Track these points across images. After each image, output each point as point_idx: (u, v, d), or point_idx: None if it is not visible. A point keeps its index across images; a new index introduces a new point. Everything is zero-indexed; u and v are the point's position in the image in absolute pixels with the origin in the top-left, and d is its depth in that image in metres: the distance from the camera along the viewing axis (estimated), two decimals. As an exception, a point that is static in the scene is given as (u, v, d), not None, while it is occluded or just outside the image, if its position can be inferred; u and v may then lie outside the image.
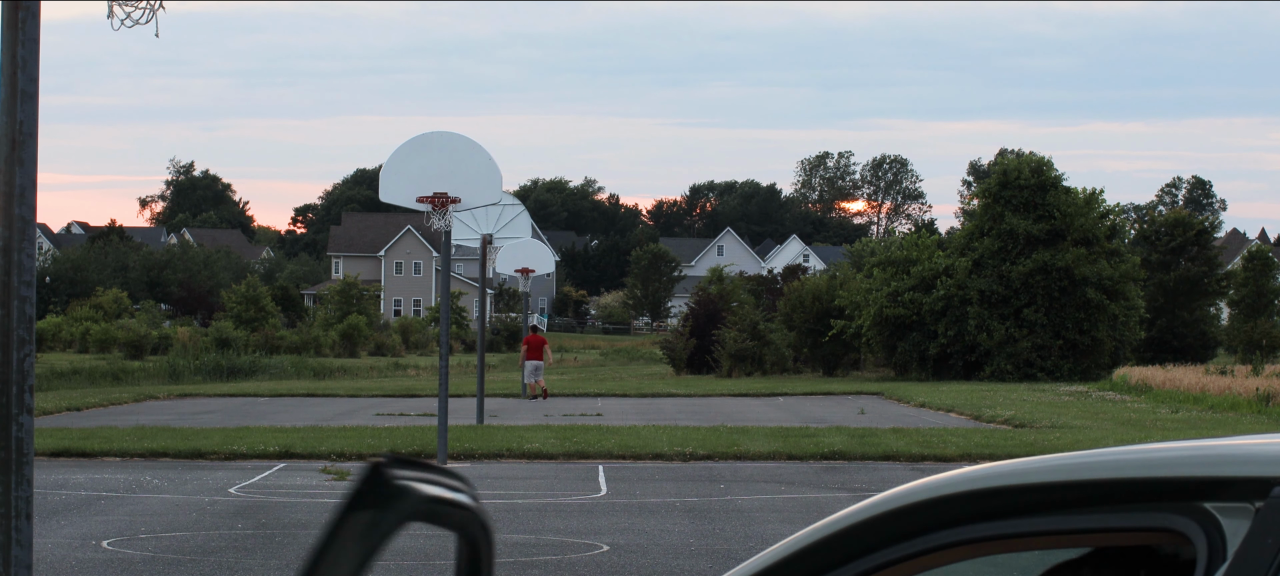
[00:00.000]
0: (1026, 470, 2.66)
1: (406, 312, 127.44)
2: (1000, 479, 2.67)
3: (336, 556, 2.10)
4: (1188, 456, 2.60)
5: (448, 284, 25.03)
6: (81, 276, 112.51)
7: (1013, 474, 2.67)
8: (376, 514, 2.10)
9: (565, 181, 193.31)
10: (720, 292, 70.03)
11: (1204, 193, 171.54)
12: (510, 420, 34.77)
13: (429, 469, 2.19)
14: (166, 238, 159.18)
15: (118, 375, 57.61)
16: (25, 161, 8.93)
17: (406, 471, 2.13)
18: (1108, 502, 2.67)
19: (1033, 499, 2.64)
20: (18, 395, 8.91)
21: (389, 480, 2.09)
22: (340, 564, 2.10)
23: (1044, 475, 2.94)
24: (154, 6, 11.18)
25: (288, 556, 15.00)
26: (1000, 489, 2.66)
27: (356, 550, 2.10)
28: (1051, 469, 2.98)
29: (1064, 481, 2.82)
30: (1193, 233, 77.38)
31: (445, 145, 24.85)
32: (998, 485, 2.67)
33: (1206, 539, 2.46)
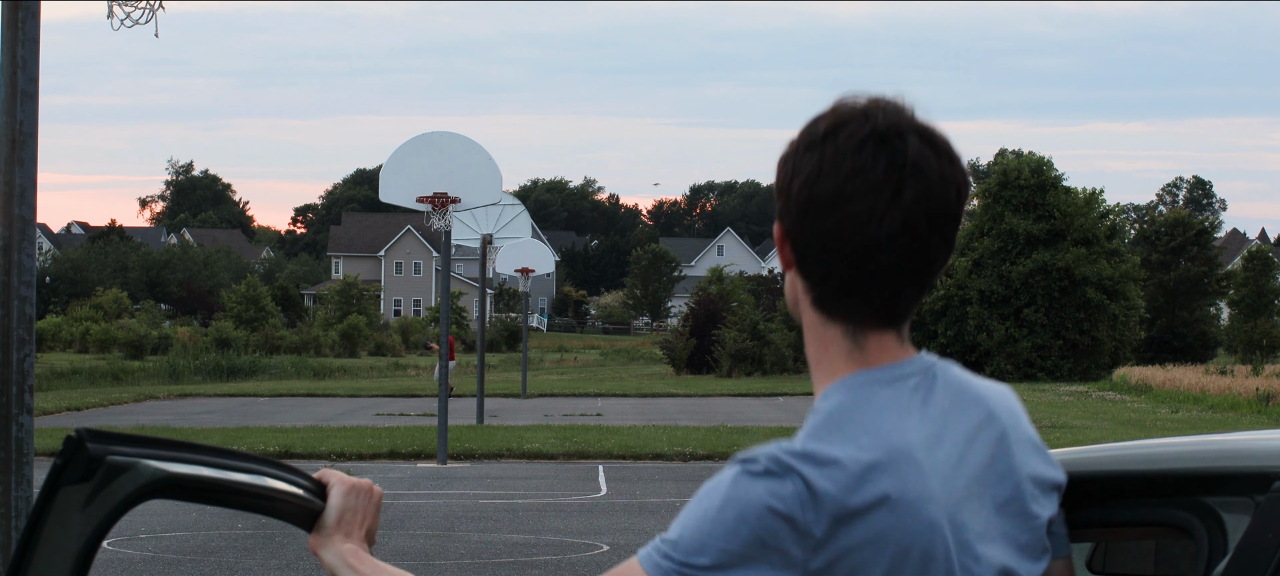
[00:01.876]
0: None
1: (406, 312, 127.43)
2: None
3: (55, 531, 2.07)
4: (1189, 451, 2.60)
5: (448, 284, 25.03)
6: (81, 276, 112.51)
7: None
8: (93, 488, 2.09)
9: (565, 181, 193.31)
10: (720, 292, 70.02)
11: (1204, 193, 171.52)
12: (510, 420, 34.77)
13: (169, 445, 2.17)
14: (166, 238, 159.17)
15: (118, 375, 57.59)
16: (25, 161, 8.93)
17: (127, 447, 2.12)
18: (1109, 497, 2.67)
19: None
20: (18, 395, 8.91)
21: (94, 453, 2.08)
22: (61, 540, 2.08)
23: None
24: (154, 6, 11.19)
25: (287, 556, 15.00)
26: None
27: (78, 526, 2.08)
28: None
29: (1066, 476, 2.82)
30: (1193, 233, 77.42)
31: (445, 145, 24.85)
32: None
33: (1207, 533, 2.46)
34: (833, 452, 2.12)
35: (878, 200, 2.12)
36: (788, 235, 2.22)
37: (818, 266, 2.18)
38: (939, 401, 2.21)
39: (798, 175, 2.19)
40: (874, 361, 2.20)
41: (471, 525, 17.38)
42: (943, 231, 2.16)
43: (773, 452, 2.12)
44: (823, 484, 2.09)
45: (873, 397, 2.18)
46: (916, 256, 2.15)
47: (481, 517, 18.04)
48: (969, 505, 2.18)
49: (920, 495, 2.13)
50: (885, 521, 2.10)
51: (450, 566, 14.56)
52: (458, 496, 20.26)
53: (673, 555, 2.15)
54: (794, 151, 2.21)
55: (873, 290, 2.17)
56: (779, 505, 2.08)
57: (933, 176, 2.13)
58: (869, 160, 2.12)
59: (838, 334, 2.20)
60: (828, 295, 2.19)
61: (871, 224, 2.12)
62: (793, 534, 2.09)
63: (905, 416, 2.18)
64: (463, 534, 16.67)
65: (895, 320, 2.21)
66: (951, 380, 2.24)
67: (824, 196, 2.15)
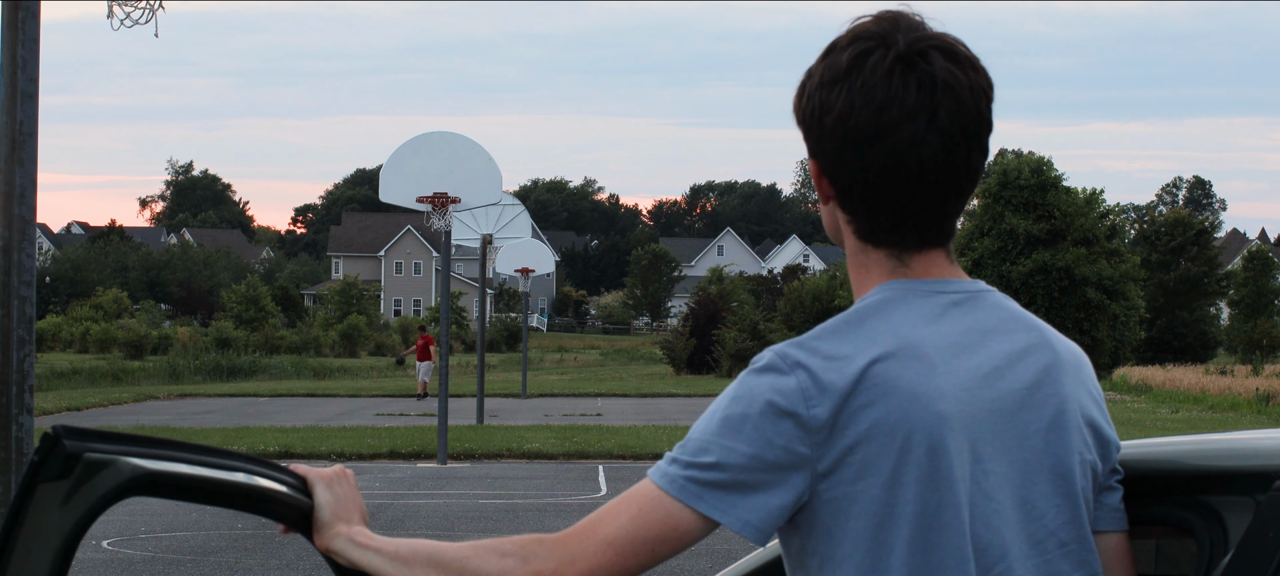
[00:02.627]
0: None
1: (406, 312, 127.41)
2: None
3: (33, 529, 2.07)
4: (1189, 450, 2.60)
5: (448, 284, 25.03)
6: (81, 276, 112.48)
7: None
8: (72, 485, 2.08)
9: (565, 181, 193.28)
10: (720, 292, 70.02)
11: (1204, 193, 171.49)
12: (510, 420, 34.77)
13: (149, 442, 2.16)
14: (166, 238, 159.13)
15: (118, 375, 57.57)
16: (25, 161, 8.93)
17: (105, 444, 2.11)
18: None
19: None
20: (18, 395, 8.91)
21: (70, 450, 2.07)
22: (39, 538, 2.07)
23: None
24: (154, 6, 11.19)
25: (287, 556, 15.00)
26: None
27: (56, 523, 2.07)
28: None
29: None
30: (1193, 233, 77.39)
31: (445, 145, 24.85)
32: None
33: (1208, 532, 2.46)
34: (842, 348, 2.11)
35: (916, 127, 2.11)
36: (825, 172, 2.19)
37: (860, 199, 2.17)
38: (979, 318, 2.19)
39: (827, 111, 2.15)
40: (918, 276, 2.20)
41: (471, 525, 17.37)
42: (979, 139, 2.16)
43: (779, 348, 2.12)
44: (828, 376, 2.09)
45: (902, 302, 2.18)
46: (957, 173, 2.15)
47: (481, 517, 18.04)
48: (994, 422, 2.15)
49: (929, 388, 2.11)
50: (889, 408, 2.08)
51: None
52: (458, 496, 20.26)
53: (679, 458, 2.13)
54: (818, 87, 2.17)
55: (919, 214, 2.16)
56: (781, 400, 2.08)
57: (963, 91, 2.13)
58: (899, 88, 2.11)
59: (882, 257, 2.21)
60: (874, 226, 2.18)
61: (913, 151, 2.12)
62: (796, 430, 2.08)
63: (933, 322, 2.16)
64: (463, 534, 16.67)
65: (942, 237, 2.21)
66: (1001, 304, 2.23)
67: (860, 131, 2.12)
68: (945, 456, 2.09)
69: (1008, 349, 2.18)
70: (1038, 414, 2.18)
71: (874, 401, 2.08)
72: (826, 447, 2.08)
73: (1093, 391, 2.28)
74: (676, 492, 2.11)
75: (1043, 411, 2.18)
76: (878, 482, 2.09)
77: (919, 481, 2.09)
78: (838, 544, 2.12)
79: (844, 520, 2.10)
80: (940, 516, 2.10)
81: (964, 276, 2.23)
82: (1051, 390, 2.19)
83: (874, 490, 2.09)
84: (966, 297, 2.20)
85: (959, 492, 2.11)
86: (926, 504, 2.10)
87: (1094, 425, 2.26)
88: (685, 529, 2.12)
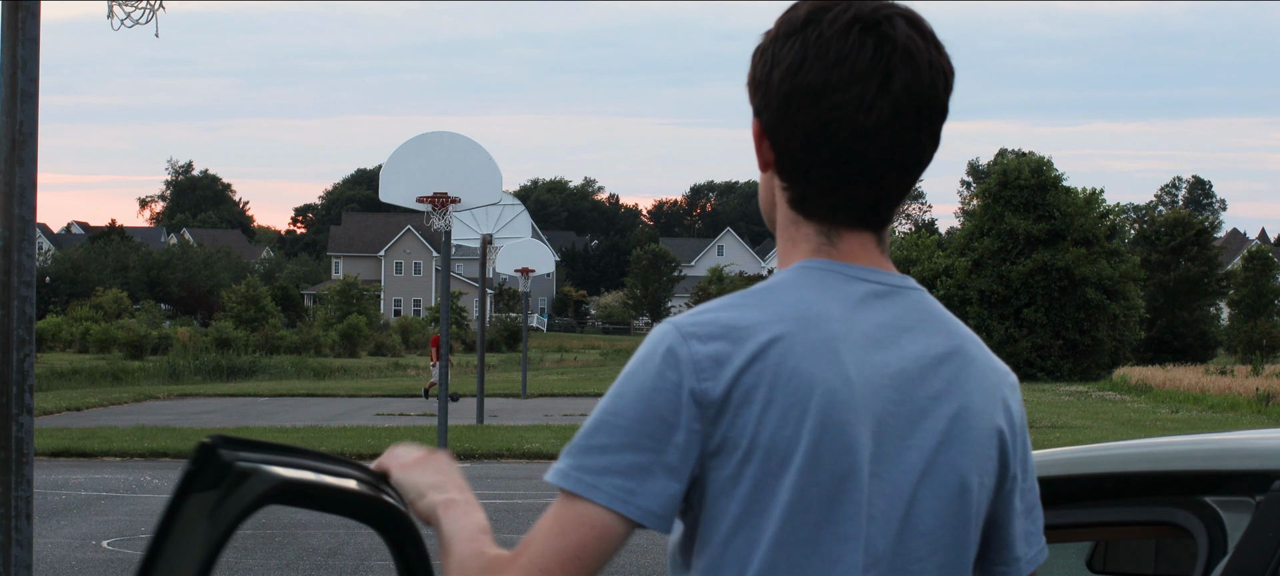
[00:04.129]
0: None
1: (406, 312, 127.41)
2: None
3: (181, 541, 2.06)
4: (1188, 451, 2.60)
5: (448, 284, 25.04)
6: (81, 276, 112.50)
7: None
8: (221, 495, 2.07)
9: (565, 181, 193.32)
10: (720, 292, 69.98)
11: (1204, 193, 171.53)
12: (510, 420, 34.77)
13: (280, 449, 2.14)
14: (166, 238, 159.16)
15: (118, 375, 57.57)
16: (25, 161, 8.93)
17: (250, 453, 2.09)
18: (1110, 497, 2.67)
19: None
20: (18, 395, 8.91)
21: (225, 460, 2.07)
22: (186, 550, 2.06)
23: (1045, 470, 2.95)
24: (154, 6, 11.19)
25: (287, 556, 15.00)
26: None
27: (203, 534, 2.06)
28: (1053, 463, 2.99)
29: (1066, 476, 2.82)
30: (1193, 233, 77.41)
31: (445, 145, 24.85)
32: None
33: (1207, 532, 2.46)
34: (743, 318, 1.99)
35: (866, 88, 1.99)
36: (767, 131, 2.09)
37: (799, 162, 2.05)
38: (898, 314, 2.06)
39: (778, 65, 2.04)
40: (844, 258, 2.07)
41: (471, 525, 17.36)
42: (930, 124, 2.03)
43: (675, 319, 2.00)
44: (723, 348, 1.97)
45: (820, 282, 2.05)
46: (903, 149, 2.03)
47: (481, 517, 18.03)
48: (894, 424, 2.01)
49: (832, 375, 1.97)
50: (787, 389, 1.95)
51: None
52: (458, 496, 20.24)
53: (574, 448, 2.01)
54: (771, 41, 2.06)
55: (856, 185, 2.04)
56: (672, 374, 1.96)
57: (922, 63, 2.01)
58: (856, 45, 2.00)
59: (811, 232, 2.09)
60: (808, 193, 2.07)
61: (859, 114, 2.00)
62: (691, 405, 1.96)
63: (847, 308, 2.04)
64: (463, 534, 16.66)
65: (875, 220, 2.08)
66: (924, 304, 2.09)
67: (808, 86, 2.01)
68: (848, 448, 1.97)
69: (920, 351, 2.05)
70: (936, 422, 2.04)
71: (772, 381, 1.96)
72: (717, 425, 1.96)
73: (1009, 411, 2.12)
74: (575, 487, 1.98)
75: (941, 421, 2.04)
76: (765, 467, 1.96)
77: (810, 470, 1.96)
78: (714, 529, 1.99)
79: (724, 503, 1.98)
80: (835, 510, 1.97)
81: (892, 269, 2.10)
82: (959, 401, 2.06)
83: (759, 474, 1.96)
84: (888, 290, 2.07)
85: (859, 487, 1.98)
86: (815, 494, 1.97)
87: (1002, 449, 2.10)
88: (603, 528, 1.97)
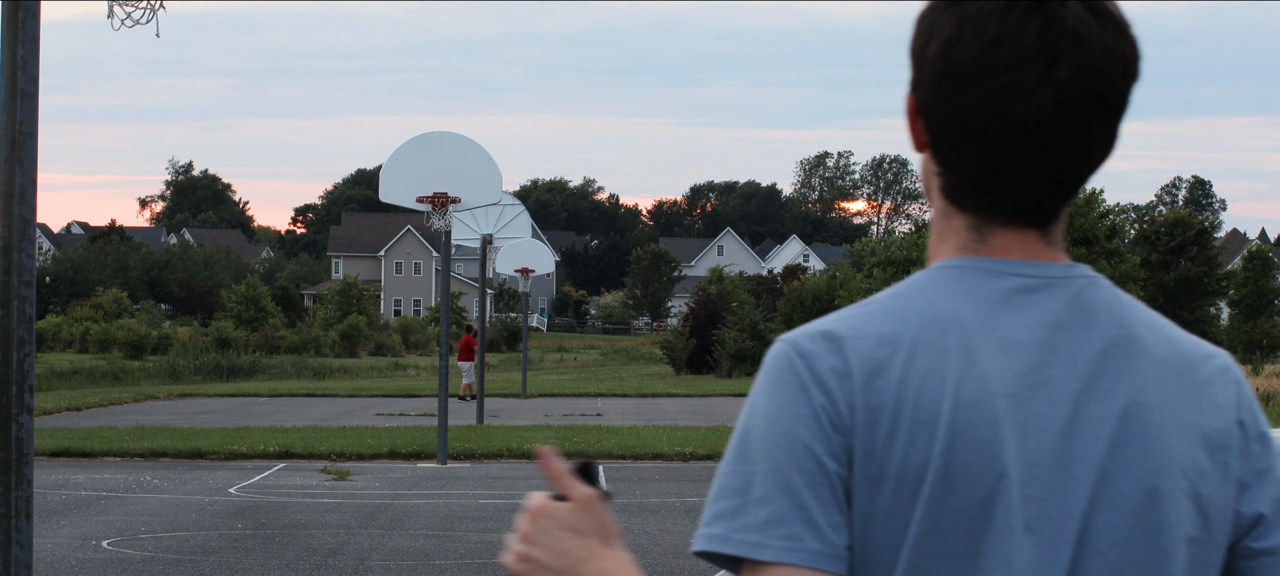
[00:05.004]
0: None
1: (406, 312, 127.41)
2: None
3: None
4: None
5: (448, 284, 25.04)
6: (81, 276, 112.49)
7: None
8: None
9: (565, 181, 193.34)
10: (720, 292, 70.01)
11: (1204, 193, 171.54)
12: (510, 420, 34.77)
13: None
14: (166, 238, 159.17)
15: (118, 375, 57.57)
16: (25, 161, 8.93)
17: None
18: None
19: None
20: (18, 395, 8.91)
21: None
22: None
23: None
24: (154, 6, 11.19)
25: (288, 556, 15.00)
26: None
27: None
28: None
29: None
30: (1193, 233, 77.42)
31: (445, 145, 24.86)
32: None
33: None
34: (867, 328, 1.82)
35: (1026, 73, 1.79)
36: (921, 109, 1.87)
37: (952, 148, 1.84)
38: (1053, 308, 1.84)
39: (935, 36, 1.84)
40: (994, 254, 1.87)
41: (471, 525, 17.37)
42: (1103, 117, 1.83)
43: (790, 336, 1.84)
44: (843, 362, 1.80)
45: (956, 282, 1.86)
46: (1069, 145, 1.82)
47: (481, 517, 18.04)
48: (1052, 437, 1.80)
49: (962, 386, 1.78)
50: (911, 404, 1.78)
51: (450, 566, 14.56)
52: (458, 496, 20.26)
53: (718, 506, 1.82)
54: (932, 8, 1.86)
55: (1011, 181, 1.83)
56: (801, 397, 1.80)
57: (1094, 48, 1.82)
58: (1019, 23, 1.80)
59: (961, 226, 1.88)
60: (961, 184, 1.86)
61: (1017, 102, 1.80)
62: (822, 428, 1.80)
63: (987, 309, 1.83)
64: (463, 534, 16.67)
65: (1038, 217, 1.86)
66: (1090, 294, 1.86)
67: (962, 65, 1.81)
68: (988, 467, 1.78)
69: (1078, 346, 1.83)
70: (1102, 426, 1.81)
71: (897, 397, 1.79)
72: (850, 449, 1.79)
73: (1212, 399, 1.86)
74: (738, 551, 1.78)
75: (1108, 422, 1.82)
76: (897, 497, 1.79)
77: (943, 496, 1.78)
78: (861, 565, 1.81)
79: (861, 537, 1.80)
80: (979, 541, 1.78)
81: (1058, 259, 1.88)
82: (1127, 396, 1.82)
83: (891, 505, 1.79)
84: (1043, 283, 1.85)
85: (1008, 511, 1.78)
86: (952, 523, 1.78)
87: (1213, 443, 1.85)
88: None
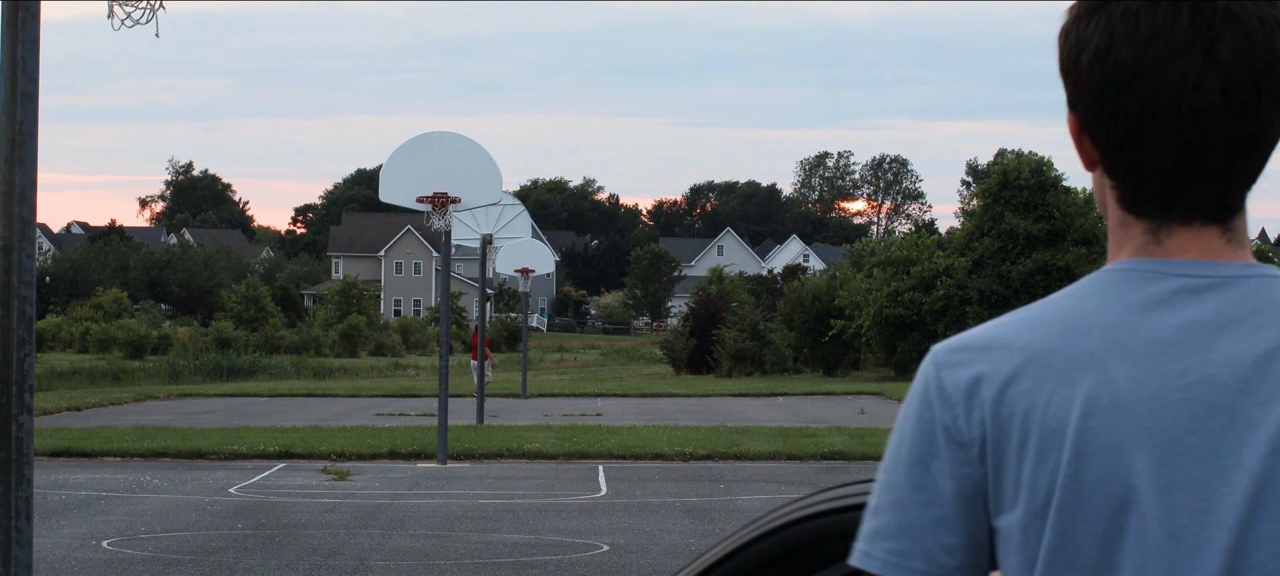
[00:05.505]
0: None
1: (406, 312, 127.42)
2: None
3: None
4: None
5: (448, 284, 25.04)
6: (81, 276, 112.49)
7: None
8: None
9: (565, 181, 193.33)
10: (720, 292, 70.02)
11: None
12: (510, 420, 34.77)
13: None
14: (166, 238, 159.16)
15: (118, 375, 57.58)
16: (25, 161, 8.93)
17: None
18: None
19: None
20: (18, 395, 8.91)
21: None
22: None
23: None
24: (154, 6, 11.18)
25: (287, 556, 14.99)
26: None
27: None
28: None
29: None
30: (1193, 232, 77.44)
31: (445, 145, 24.86)
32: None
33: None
34: (1005, 338, 1.77)
35: (1188, 64, 1.73)
36: (1085, 126, 1.80)
37: (1126, 158, 1.77)
38: (1219, 308, 1.77)
39: (1085, 48, 1.77)
40: (1170, 254, 1.80)
41: (471, 525, 17.37)
42: (1273, 88, 1.76)
43: (936, 348, 1.82)
44: (976, 375, 1.77)
45: (1107, 283, 1.80)
46: (1242, 128, 1.76)
47: (481, 517, 18.04)
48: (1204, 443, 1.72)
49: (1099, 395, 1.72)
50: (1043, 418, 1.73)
51: (450, 566, 14.56)
52: (458, 496, 20.26)
53: (868, 527, 1.82)
54: (1075, 20, 1.80)
55: (1194, 176, 1.77)
56: (934, 415, 1.77)
57: (1251, 23, 1.74)
58: (1168, 16, 1.73)
59: (1139, 231, 1.81)
60: (1141, 192, 1.79)
61: (1184, 95, 1.73)
62: (955, 447, 1.77)
63: (1125, 310, 1.77)
64: (463, 534, 16.67)
65: (1219, 210, 1.81)
66: (1263, 293, 1.78)
67: (1120, 70, 1.74)
68: (1119, 475, 1.71)
69: (1243, 350, 1.74)
70: (1264, 431, 1.72)
71: (1026, 408, 1.74)
72: (983, 464, 1.76)
73: None
74: (856, 561, 1.80)
75: (1271, 428, 1.72)
76: (1030, 511, 1.74)
77: (1072, 508, 1.72)
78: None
79: (1006, 557, 1.76)
80: (1112, 552, 1.71)
81: (1239, 259, 1.81)
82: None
83: (1026, 519, 1.74)
84: (1211, 284, 1.77)
85: (1141, 520, 1.71)
86: (1083, 533, 1.72)
87: None
88: None
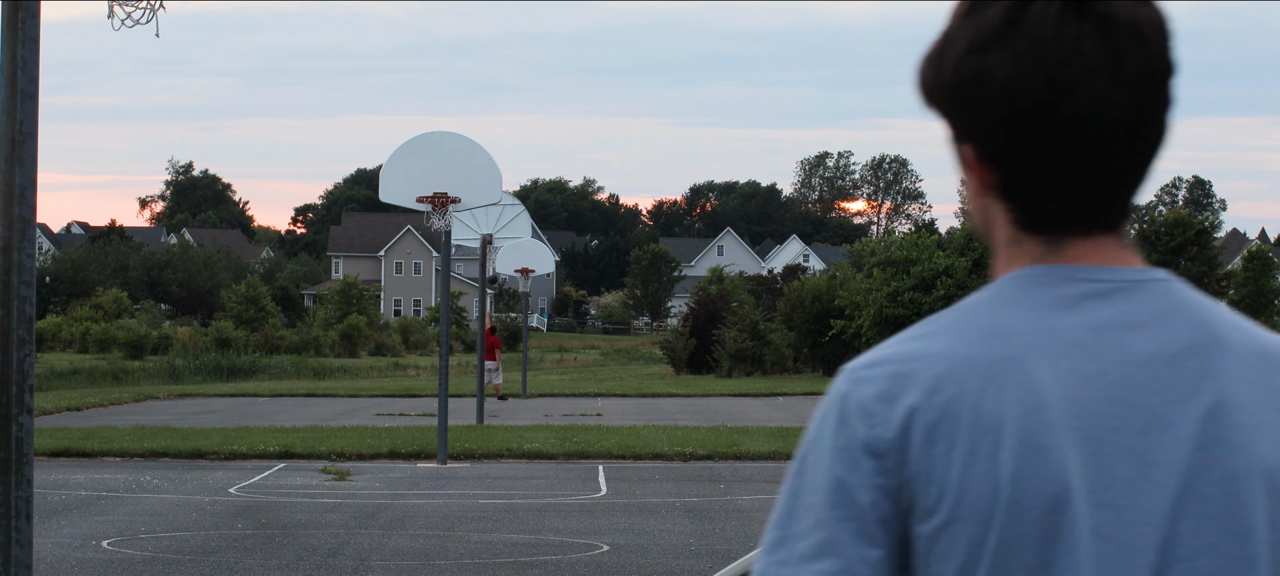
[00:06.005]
0: None
1: (406, 312, 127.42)
2: None
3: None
4: None
5: (448, 284, 25.04)
6: (81, 276, 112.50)
7: None
8: None
9: (565, 181, 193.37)
10: (720, 292, 70.00)
11: (1204, 193, 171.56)
12: (510, 420, 34.77)
13: None
14: (166, 238, 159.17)
15: (118, 375, 57.57)
16: (25, 161, 8.93)
17: None
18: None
19: None
20: (18, 395, 8.91)
21: None
22: None
23: None
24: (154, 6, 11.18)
25: (287, 556, 14.99)
26: None
27: None
28: None
29: None
30: (1193, 232, 77.41)
31: (445, 145, 24.86)
32: None
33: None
34: (918, 349, 1.74)
35: (1099, 84, 1.70)
36: (985, 158, 1.75)
37: (1036, 183, 1.74)
38: (1125, 311, 1.77)
39: (985, 82, 1.71)
40: (1069, 261, 1.78)
41: (471, 525, 17.37)
42: (1166, 88, 1.75)
43: (851, 363, 1.77)
44: (893, 386, 1.72)
45: (1014, 288, 1.76)
46: (1149, 133, 1.76)
47: (481, 517, 18.04)
48: (1126, 441, 1.71)
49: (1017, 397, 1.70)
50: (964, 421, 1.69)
51: (450, 566, 14.56)
52: (458, 496, 20.25)
53: (774, 541, 1.77)
54: (966, 53, 1.73)
55: (1102, 190, 1.76)
56: (849, 428, 1.73)
57: (1147, 29, 1.72)
58: (1074, 38, 1.69)
59: (1034, 245, 1.78)
60: (1045, 214, 1.76)
61: (1099, 114, 1.70)
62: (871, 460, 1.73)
63: (1038, 313, 1.74)
64: (463, 534, 16.67)
65: (1115, 214, 1.81)
66: (1167, 295, 1.79)
67: (1033, 100, 1.70)
68: (1051, 475, 1.69)
69: (1153, 349, 1.74)
70: (1183, 427, 1.72)
71: (954, 415, 1.70)
72: (901, 474, 1.72)
73: None
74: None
75: (1189, 424, 1.72)
76: (958, 515, 1.71)
77: (1011, 509, 1.69)
78: None
79: (930, 565, 1.73)
80: (1050, 551, 1.69)
81: (1134, 263, 1.82)
82: (1211, 396, 1.72)
83: (957, 527, 1.71)
84: (1115, 287, 1.77)
85: (1075, 518, 1.69)
86: (1021, 535, 1.69)
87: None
88: None
